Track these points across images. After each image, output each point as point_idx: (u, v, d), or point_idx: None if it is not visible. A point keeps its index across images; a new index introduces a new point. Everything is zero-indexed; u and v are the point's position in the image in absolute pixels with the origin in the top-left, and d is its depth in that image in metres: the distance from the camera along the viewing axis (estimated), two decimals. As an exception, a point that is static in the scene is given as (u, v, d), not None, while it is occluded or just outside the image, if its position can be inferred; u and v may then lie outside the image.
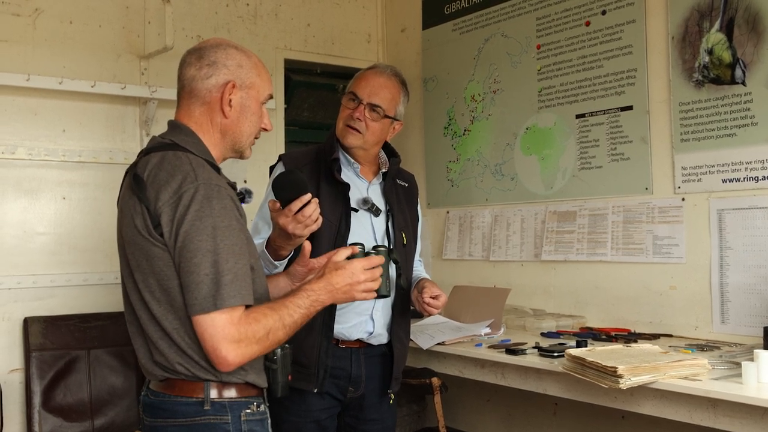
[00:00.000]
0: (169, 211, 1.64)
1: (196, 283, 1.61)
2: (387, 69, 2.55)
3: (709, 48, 2.90)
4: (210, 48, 1.82)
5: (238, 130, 1.83)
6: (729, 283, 2.84)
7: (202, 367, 1.69)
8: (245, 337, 1.63)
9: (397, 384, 2.57)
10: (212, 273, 1.61)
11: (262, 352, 1.70)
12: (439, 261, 4.02)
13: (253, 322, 1.64)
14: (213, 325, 1.61)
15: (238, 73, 1.80)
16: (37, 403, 3.18)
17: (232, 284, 1.62)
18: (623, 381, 2.16)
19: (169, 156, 1.71)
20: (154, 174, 1.69)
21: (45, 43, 3.40)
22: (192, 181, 1.65)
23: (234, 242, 1.65)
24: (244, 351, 1.64)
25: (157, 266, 1.67)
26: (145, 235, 1.67)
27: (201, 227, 1.63)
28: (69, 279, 3.41)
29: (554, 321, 3.24)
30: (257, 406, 1.77)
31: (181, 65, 1.83)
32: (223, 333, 1.61)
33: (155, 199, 1.66)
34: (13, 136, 3.32)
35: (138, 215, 1.68)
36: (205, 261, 1.61)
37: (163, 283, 1.67)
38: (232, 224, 1.66)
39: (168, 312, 1.68)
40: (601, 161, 3.29)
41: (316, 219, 1.99)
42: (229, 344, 1.61)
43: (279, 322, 1.69)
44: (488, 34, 3.82)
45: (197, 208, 1.63)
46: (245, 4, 3.96)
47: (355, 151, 2.49)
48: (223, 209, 1.66)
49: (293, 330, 1.74)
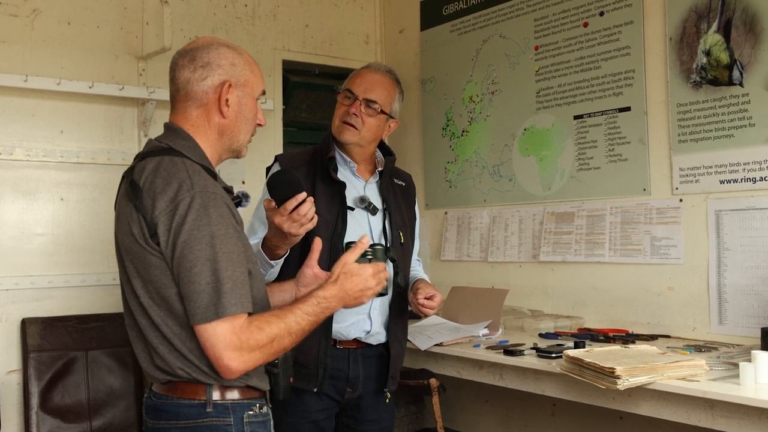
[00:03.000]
0: (165, 220, 1.64)
1: (197, 293, 1.61)
2: (382, 67, 2.57)
3: (707, 49, 2.91)
4: (201, 49, 1.81)
5: (236, 128, 1.82)
6: (727, 284, 2.84)
7: (203, 372, 1.69)
8: (247, 346, 1.62)
9: (394, 383, 2.57)
10: (213, 282, 1.61)
11: (266, 360, 1.69)
12: (437, 262, 4.02)
13: (256, 330, 1.64)
14: (215, 335, 1.60)
15: (232, 72, 1.80)
16: (34, 404, 3.18)
17: (232, 292, 1.61)
18: (621, 382, 2.16)
19: (165, 162, 1.70)
20: (150, 181, 1.68)
21: (43, 43, 3.40)
22: (188, 190, 1.65)
23: (232, 250, 1.65)
24: (247, 359, 1.63)
25: (154, 275, 1.66)
26: (142, 244, 1.66)
27: (199, 236, 1.62)
28: (67, 280, 3.41)
29: (552, 322, 3.24)
30: (260, 407, 1.77)
31: (173, 67, 1.82)
32: (225, 342, 1.60)
33: (152, 207, 1.66)
34: (10, 137, 3.32)
35: (135, 223, 1.68)
36: (205, 270, 1.61)
37: (161, 291, 1.66)
38: (229, 232, 1.66)
39: (167, 318, 1.68)
40: (599, 162, 3.30)
41: (311, 218, 1.99)
42: (231, 352, 1.61)
43: (284, 329, 1.68)
44: (486, 35, 3.82)
45: (194, 217, 1.63)
46: (243, 5, 3.96)
47: (352, 148, 2.49)
48: (220, 217, 1.65)
49: (300, 337, 1.73)
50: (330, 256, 2.31)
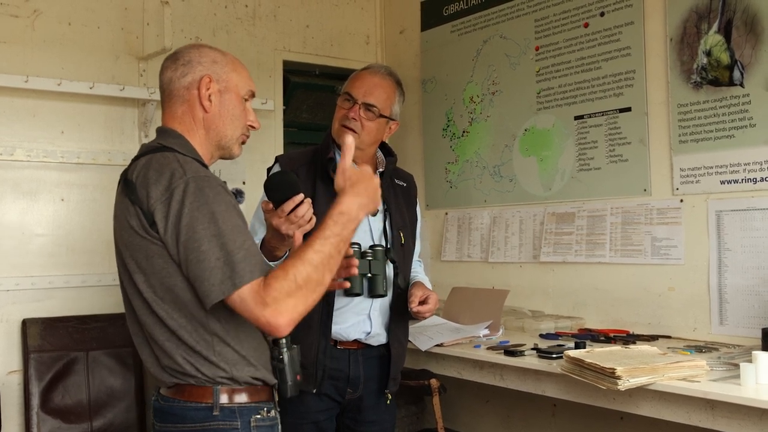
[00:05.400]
0: (162, 208, 1.65)
1: (210, 269, 1.60)
2: (382, 69, 2.55)
3: (708, 50, 2.90)
4: (184, 50, 1.87)
5: (221, 123, 1.84)
6: (727, 285, 2.84)
7: (211, 363, 1.69)
8: (273, 299, 1.59)
9: (395, 384, 2.57)
10: (223, 256, 1.60)
11: (308, 301, 1.63)
12: (437, 262, 4.02)
13: (273, 281, 1.60)
14: (242, 301, 1.59)
15: (213, 68, 1.83)
16: (35, 404, 3.18)
17: (245, 261, 1.61)
18: (622, 382, 2.16)
19: (157, 156, 1.73)
20: (143, 175, 1.70)
21: (44, 44, 3.40)
22: (181, 176, 1.66)
23: (236, 222, 1.66)
24: (281, 309, 1.59)
25: (157, 264, 1.67)
26: (143, 234, 1.67)
27: (200, 216, 1.63)
28: (67, 280, 3.41)
29: (553, 322, 3.24)
30: (267, 411, 1.77)
31: (160, 73, 1.87)
32: (254, 303, 1.59)
33: (146, 197, 1.67)
34: (11, 137, 3.32)
35: (132, 216, 1.69)
36: (213, 246, 1.61)
37: (164, 281, 1.67)
38: (229, 208, 1.67)
39: (173, 310, 1.68)
40: (599, 163, 3.30)
41: (309, 219, 1.99)
42: (262, 311, 1.58)
43: (304, 265, 1.63)
44: (487, 36, 3.82)
45: (192, 200, 1.64)
46: (244, 6, 3.96)
47: None
48: (217, 195, 1.66)
49: (331, 264, 1.67)
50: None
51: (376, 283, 2.42)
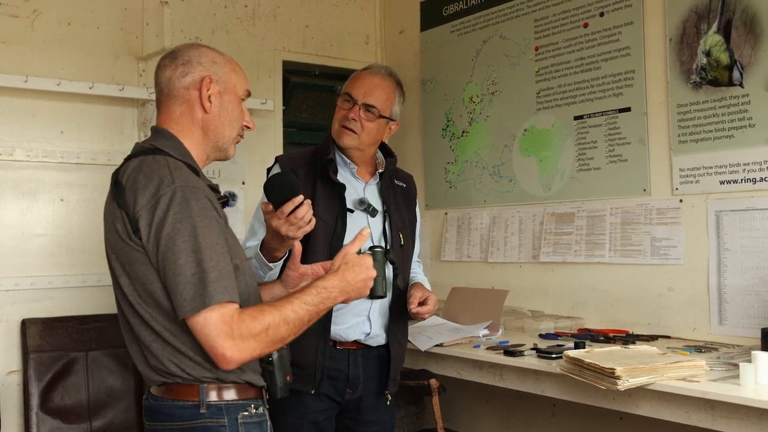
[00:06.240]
0: (147, 215, 1.65)
1: (183, 285, 1.60)
2: (381, 69, 2.55)
3: (707, 50, 2.91)
4: (182, 49, 1.85)
5: (220, 124, 1.84)
6: (727, 285, 2.84)
7: (197, 364, 1.69)
8: (240, 334, 1.60)
9: (395, 385, 2.57)
10: (198, 272, 1.60)
11: (264, 350, 1.66)
12: (437, 262, 4.02)
13: (249, 319, 1.62)
14: (206, 324, 1.59)
15: (213, 68, 1.83)
16: (35, 404, 3.18)
17: (217, 282, 1.60)
18: (621, 382, 2.16)
19: (148, 160, 1.72)
20: (133, 178, 1.70)
21: (43, 44, 3.40)
22: (169, 184, 1.65)
23: (215, 241, 1.65)
24: (243, 347, 1.61)
25: (139, 270, 1.67)
26: (126, 240, 1.68)
27: (181, 229, 1.62)
28: (67, 280, 3.41)
29: (552, 322, 3.24)
30: (255, 408, 1.77)
31: (156, 71, 1.86)
32: (217, 331, 1.59)
33: (133, 203, 1.67)
34: (11, 137, 3.32)
35: (118, 220, 1.69)
36: (189, 262, 1.61)
37: (147, 286, 1.67)
38: (211, 224, 1.66)
39: (156, 314, 1.68)
40: (599, 163, 3.30)
41: (308, 221, 1.99)
42: (224, 341, 1.59)
43: (280, 318, 1.66)
44: (486, 36, 3.82)
45: (176, 211, 1.63)
46: (243, 6, 3.96)
47: (351, 151, 2.49)
48: (202, 209, 1.66)
49: (299, 327, 1.71)
50: (329, 257, 2.30)
51: (375, 284, 2.40)
